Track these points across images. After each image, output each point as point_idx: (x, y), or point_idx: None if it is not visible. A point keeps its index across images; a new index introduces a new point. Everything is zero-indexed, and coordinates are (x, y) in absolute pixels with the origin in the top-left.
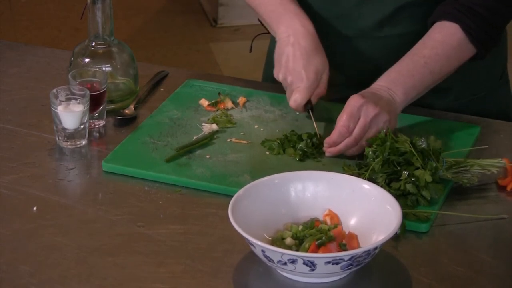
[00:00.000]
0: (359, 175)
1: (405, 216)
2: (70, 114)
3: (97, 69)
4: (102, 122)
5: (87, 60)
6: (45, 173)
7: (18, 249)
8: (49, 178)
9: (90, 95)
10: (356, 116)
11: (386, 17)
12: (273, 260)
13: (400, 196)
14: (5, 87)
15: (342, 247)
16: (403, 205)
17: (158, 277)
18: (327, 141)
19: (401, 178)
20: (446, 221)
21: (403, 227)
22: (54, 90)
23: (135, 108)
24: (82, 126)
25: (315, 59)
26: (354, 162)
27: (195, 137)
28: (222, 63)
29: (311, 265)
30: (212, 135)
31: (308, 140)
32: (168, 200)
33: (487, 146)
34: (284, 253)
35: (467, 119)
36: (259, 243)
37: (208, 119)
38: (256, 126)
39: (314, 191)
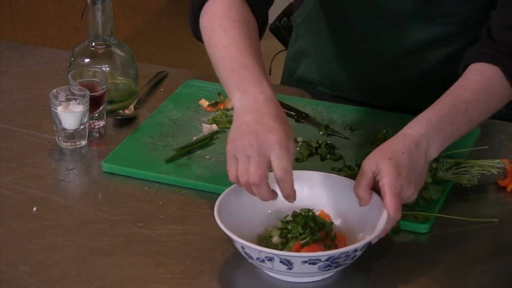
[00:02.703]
0: None
1: (404, 217)
2: (70, 114)
3: (97, 69)
4: (102, 122)
5: (87, 60)
6: (45, 173)
7: (18, 249)
8: (49, 179)
9: (90, 95)
10: (399, 197)
11: (431, 40)
12: (252, 257)
13: None
14: (5, 87)
15: (326, 248)
16: (402, 206)
17: (158, 278)
18: (380, 235)
19: None
20: (446, 222)
21: (395, 229)
22: (54, 90)
23: (135, 108)
24: (82, 127)
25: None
26: (354, 163)
27: (195, 138)
28: None
29: (288, 263)
30: (212, 135)
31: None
32: (168, 201)
33: (487, 147)
34: (261, 251)
35: None
36: (238, 239)
37: (208, 119)
38: None
39: (303, 190)
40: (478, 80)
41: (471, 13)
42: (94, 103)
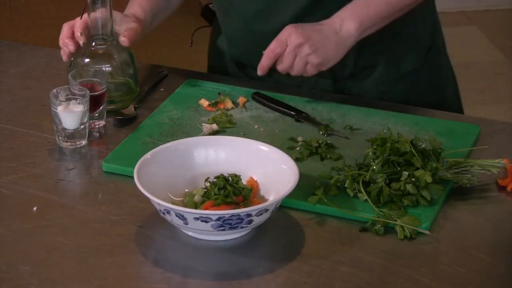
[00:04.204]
0: (359, 176)
1: (393, 225)
2: (70, 114)
3: (97, 69)
4: (102, 122)
5: (87, 60)
6: (45, 173)
7: (18, 249)
8: (49, 178)
9: (90, 95)
10: (284, 43)
11: (302, 11)
12: (157, 210)
13: (400, 196)
14: (5, 87)
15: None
16: (395, 208)
17: (157, 277)
18: (258, 67)
19: (401, 179)
20: (446, 222)
21: (401, 231)
22: (54, 90)
23: (135, 108)
24: (82, 126)
25: None
26: (354, 163)
27: None
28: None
29: (183, 218)
30: (212, 135)
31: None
32: None
33: (487, 146)
34: (160, 203)
35: (467, 119)
36: (146, 193)
37: (208, 119)
38: (256, 126)
39: (218, 155)
40: None
41: None
42: (94, 103)
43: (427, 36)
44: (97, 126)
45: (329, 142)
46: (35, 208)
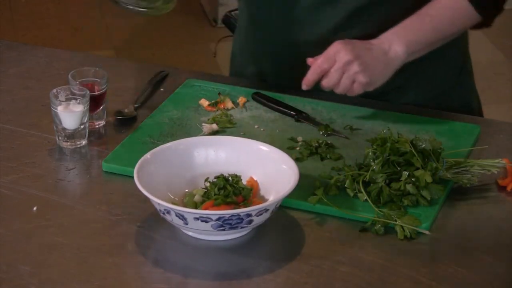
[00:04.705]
0: (359, 175)
1: (393, 225)
2: (70, 114)
3: (97, 69)
4: (102, 122)
5: None
6: (45, 173)
7: (18, 249)
8: (49, 178)
9: (90, 95)
10: (331, 59)
11: (340, 22)
12: (157, 210)
13: (400, 196)
14: (5, 87)
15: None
16: (395, 208)
17: (157, 277)
18: (303, 81)
19: (401, 179)
20: (446, 222)
21: (400, 231)
22: (54, 90)
23: (135, 108)
24: (82, 126)
25: None
26: (354, 163)
27: None
28: (222, 63)
29: (183, 218)
30: (212, 135)
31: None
32: None
33: (487, 146)
34: (160, 203)
35: (467, 119)
36: (146, 193)
37: (208, 119)
38: (256, 126)
39: (218, 155)
40: (443, 1)
41: None
42: (94, 103)
43: (459, 57)
44: (97, 126)
45: (329, 142)
46: (35, 208)
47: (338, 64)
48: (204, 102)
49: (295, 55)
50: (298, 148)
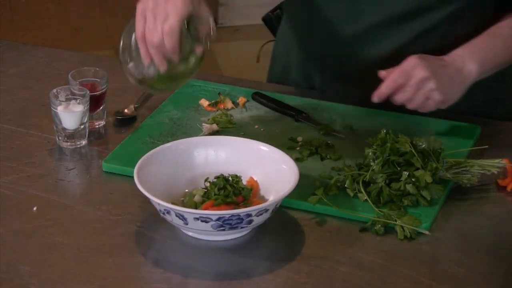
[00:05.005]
0: (359, 176)
1: (393, 225)
2: (70, 114)
3: (97, 69)
4: (102, 122)
5: None
6: (45, 173)
7: (18, 249)
8: (49, 178)
9: (90, 95)
10: (407, 74)
11: (406, 42)
12: (157, 210)
13: (400, 196)
14: (5, 87)
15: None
16: (395, 208)
17: (157, 277)
18: (376, 93)
19: (401, 179)
20: (446, 221)
21: (400, 231)
22: (54, 90)
23: (135, 108)
24: (82, 126)
25: None
26: (354, 163)
27: None
28: (222, 63)
29: (183, 218)
30: (212, 135)
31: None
32: None
33: (487, 146)
34: (160, 203)
35: (467, 119)
36: (146, 193)
37: (208, 119)
38: (256, 126)
39: (218, 155)
40: None
41: None
42: (94, 103)
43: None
44: (97, 126)
45: (329, 142)
46: (35, 208)
47: (414, 80)
48: (204, 102)
49: (354, 68)
50: (298, 148)
